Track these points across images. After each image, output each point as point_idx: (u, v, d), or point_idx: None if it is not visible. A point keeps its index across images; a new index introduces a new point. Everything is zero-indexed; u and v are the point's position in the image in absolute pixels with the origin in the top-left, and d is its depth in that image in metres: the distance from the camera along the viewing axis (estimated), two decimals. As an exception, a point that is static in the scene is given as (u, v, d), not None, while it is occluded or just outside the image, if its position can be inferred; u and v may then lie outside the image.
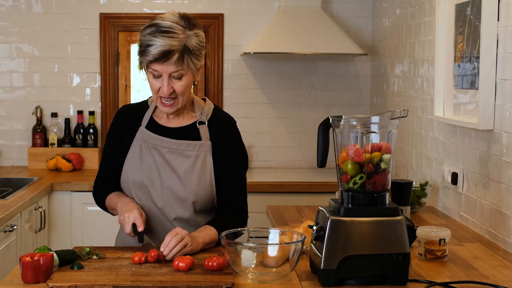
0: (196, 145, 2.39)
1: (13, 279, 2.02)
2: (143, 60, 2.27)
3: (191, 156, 2.38)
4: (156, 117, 2.45)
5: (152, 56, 2.24)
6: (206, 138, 2.40)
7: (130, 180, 2.40)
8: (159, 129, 2.42)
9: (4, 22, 4.68)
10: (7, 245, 3.31)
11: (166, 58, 2.23)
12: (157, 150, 2.39)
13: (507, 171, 2.54)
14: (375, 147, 2.02)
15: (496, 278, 2.14)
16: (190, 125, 2.42)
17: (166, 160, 2.38)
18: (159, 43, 2.23)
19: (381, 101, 4.48)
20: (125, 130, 2.46)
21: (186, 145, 2.38)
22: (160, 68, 2.26)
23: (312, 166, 4.80)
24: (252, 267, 2.01)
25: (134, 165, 2.41)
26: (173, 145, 2.39)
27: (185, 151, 2.38)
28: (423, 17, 3.56)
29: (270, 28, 4.49)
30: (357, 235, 1.98)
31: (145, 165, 2.39)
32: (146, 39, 2.26)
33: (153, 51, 2.23)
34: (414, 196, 3.12)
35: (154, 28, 2.26)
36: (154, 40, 2.24)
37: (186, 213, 2.37)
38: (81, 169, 4.63)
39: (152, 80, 2.31)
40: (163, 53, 2.23)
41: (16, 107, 4.72)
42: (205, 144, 2.39)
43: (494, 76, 2.64)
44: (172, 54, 2.23)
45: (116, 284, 1.95)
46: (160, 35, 2.24)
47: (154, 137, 2.40)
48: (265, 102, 4.79)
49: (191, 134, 2.41)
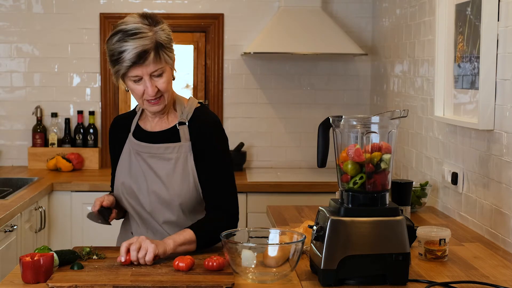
0: (175, 147, 2.36)
1: (13, 279, 2.02)
2: (120, 68, 2.23)
3: (171, 158, 2.36)
4: (142, 123, 2.45)
5: (129, 61, 2.20)
6: (185, 139, 2.36)
7: (121, 186, 2.42)
8: (143, 134, 2.42)
9: (4, 22, 4.68)
10: (7, 245, 3.31)
11: (143, 59, 2.20)
12: (140, 156, 2.40)
13: (507, 171, 2.54)
14: (375, 147, 2.02)
15: (496, 278, 2.14)
16: (172, 127, 2.40)
17: (149, 165, 2.38)
18: (132, 46, 2.20)
19: (381, 101, 4.48)
20: (117, 140, 2.48)
21: (165, 148, 2.37)
22: (140, 71, 2.23)
23: (312, 166, 4.80)
24: (252, 267, 2.01)
25: (124, 172, 2.42)
26: (152, 150, 2.38)
27: (164, 154, 2.37)
28: (423, 17, 3.56)
29: (270, 28, 4.49)
30: (357, 235, 1.98)
31: (133, 171, 2.40)
32: (116, 47, 2.22)
33: (128, 55, 2.20)
34: (414, 196, 3.12)
35: (120, 35, 2.23)
36: (125, 45, 2.21)
37: (173, 216, 2.36)
38: (81, 169, 4.63)
39: (133, 86, 2.27)
40: (139, 54, 2.20)
41: (16, 107, 4.72)
42: (184, 145, 2.36)
43: (494, 76, 2.64)
44: (147, 53, 2.21)
45: (116, 284, 1.95)
46: (130, 38, 2.21)
47: (137, 143, 2.41)
48: (265, 102, 4.79)
49: (172, 136, 2.38)
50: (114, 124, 2.53)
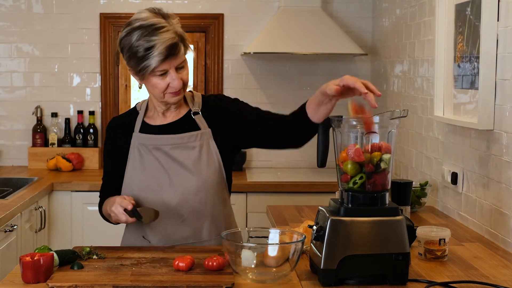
0: (197, 135, 2.36)
1: (13, 279, 2.02)
2: (149, 63, 2.19)
3: (195, 146, 2.35)
4: (149, 119, 2.42)
5: (161, 54, 2.18)
6: (204, 127, 2.38)
7: (135, 188, 2.36)
8: (156, 129, 2.39)
9: (4, 22, 4.68)
10: (7, 245, 3.31)
11: (175, 52, 2.20)
12: (159, 150, 2.36)
13: (507, 171, 2.54)
14: (375, 147, 2.02)
15: (496, 278, 2.14)
16: (183, 117, 2.40)
17: (171, 157, 2.35)
18: (161, 40, 2.17)
19: (381, 101, 4.48)
20: (118, 141, 2.42)
21: (189, 137, 2.36)
22: (167, 65, 2.22)
23: (312, 166, 4.80)
24: (252, 267, 2.01)
25: (136, 172, 2.37)
26: (175, 140, 2.36)
27: (188, 143, 2.35)
28: (423, 17, 3.56)
29: (270, 28, 4.49)
30: (357, 235, 1.98)
31: (148, 168, 2.36)
32: (140, 43, 2.18)
33: (158, 50, 2.17)
34: (414, 196, 3.12)
35: (143, 30, 2.19)
36: (152, 40, 2.18)
37: (202, 205, 2.35)
38: (81, 169, 4.63)
39: (157, 81, 2.25)
40: (170, 48, 2.18)
41: (16, 107, 4.72)
42: (206, 132, 2.37)
43: (494, 76, 2.64)
44: (178, 46, 2.21)
45: (116, 284, 1.95)
46: (157, 32, 2.18)
47: (153, 137, 2.37)
48: (265, 102, 4.79)
49: (189, 126, 2.38)
50: (114, 124, 2.48)
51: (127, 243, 2.47)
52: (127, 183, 2.39)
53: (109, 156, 2.47)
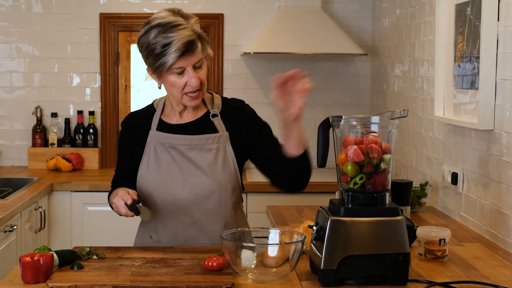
0: (215, 138, 2.36)
1: (13, 279, 2.02)
2: (167, 60, 2.20)
3: (212, 149, 2.35)
4: (166, 117, 2.41)
5: (178, 51, 2.18)
6: (222, 130, 2.37)
7: (148, 184, 2.36)
8: (172, 128, 2.38)
9: (4, 22, 4.68)
10: (7, 245, 3.31)
11: (192, 48, 2.20)
12: (175, 149, 2.35)
13: (507, 171, 2.54)
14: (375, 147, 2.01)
15: (496, 278, 2.14)
16: (201, 118, 2.39)
17: (187, 157, 2.34)
18: (178, 36, 2.18)
19: (381, 101, 4.48)
20: (133, 137, 2.42)
21: (206, 139, 2.35)
22: (184, 63, 2.22)
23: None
24: (252, 267, 2.01)
25: (151, 169, 2.36)
26: (193, 141, 2.35)
27: (206, 145, 2.35)
28: (423, 17, 3.56)
29: (270, 28, 4.49)
30: (357, 235, 1.98)
31: (163, 166, 2.35)
32: (158, 40, 2.20)
33: (175, 46, 2.18)
34: (414, 196, 3.12)
35: (160, 28, 2.21)
36: (169, 37, 2.19)
37: (214, 207, 2.35)
38: (81, 169, 4.63)
39: (175, 80, 2.26)
40: (187, 44, 2.19)
41: (16, 107, 4.72)
42: (223, 135, 2.37)
43: (494, 76, 2.64)
44: (195, 43, 2.21)
45: (116, 284, 1.95)
46: (174, 29, 2.19)
47: (170, 136, 2.37)
48: (265, 102, 4.79)
49: (206, 127, 2.37)
50: (130, 120, 2.47)
51: (139, 241, 2.49)
52: (142, 179, 2.38)
53: (123, 151, 2.47)
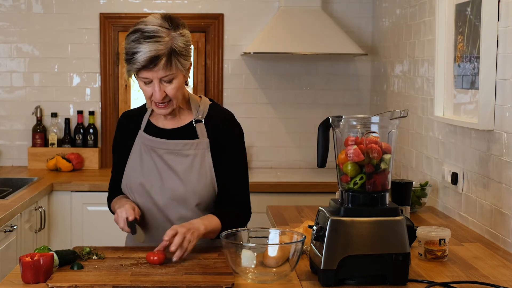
0: (193, 144, 2.37)
1: (13, 279, 2.02)
2: (131, 68, 2.23)
3: (189, 155, 2.37)
4: (154, 119, 2.44)
5: (140, 63, 2.20)
6: (203, 136, 2.38)
7: (131, 183, 2.40)
8: (157, 131, 2.41)
9: (4, 22, 4.68)
10: (7, 245, 3.31)
11: (154, 64, 2.20)
12: (155, 152, 2.39)
13: (507, 171, 2.54)
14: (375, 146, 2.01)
15: (496, 278, 2.14)
16: (187, 124, 2.41)
17: (165, 161, 2.37)
18: (145, 49, 2.18)
19: (381, 101, 4.48)
20: (126, 136, 2.46)
21: (183, 145, 2.37)
22: (150, 75, 2.23)
23: (312, 166, 4.80)
24: (252, 267, 2.01)
25: (134, 169, 2.40)
26: (170, 146, 2.38)
27: (183, 150, 2.37)
28: (423, 17, 3.56)
29: (270, 28, 4.49)
30: (357, 235, 1.98)
31: (145, 168, 2.39)
32: (131, 47, 2.22)
33: (140, 58, 2.19)
34: (414, 196, 3.12)
35: (138, 34, 2.21)
36: (139, 47, 2.19)
37: (189, 213, 2.36)
38: (81, 169, 4.63)
39: (143, 87, 2.28)
40: (150, 59, 2.19)
41: (16, 107, 4.72)
42: (203, 142, 2.37)
43: (494, 76, 2.64)
44: (159, 59, 2.19)
45: (116, 284, 1.95)
46: (145, 41, 2.19)
47: (151, 139, 2.40)
48: (265, 102, 4.79)
49: (189, 133, 2.39)
50: (124, 119, 2.51)
51: (129, 240, 2.52)
52: (126, 179, 2.43)
53: (117, 150, 2.51)
